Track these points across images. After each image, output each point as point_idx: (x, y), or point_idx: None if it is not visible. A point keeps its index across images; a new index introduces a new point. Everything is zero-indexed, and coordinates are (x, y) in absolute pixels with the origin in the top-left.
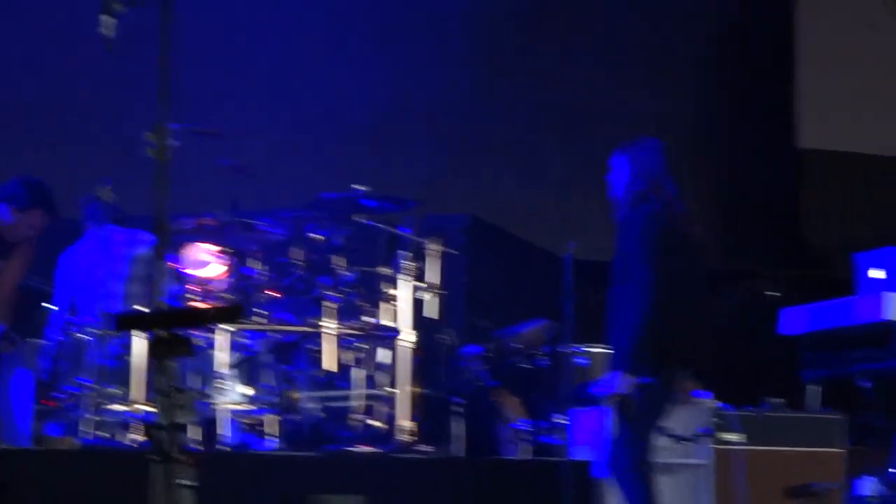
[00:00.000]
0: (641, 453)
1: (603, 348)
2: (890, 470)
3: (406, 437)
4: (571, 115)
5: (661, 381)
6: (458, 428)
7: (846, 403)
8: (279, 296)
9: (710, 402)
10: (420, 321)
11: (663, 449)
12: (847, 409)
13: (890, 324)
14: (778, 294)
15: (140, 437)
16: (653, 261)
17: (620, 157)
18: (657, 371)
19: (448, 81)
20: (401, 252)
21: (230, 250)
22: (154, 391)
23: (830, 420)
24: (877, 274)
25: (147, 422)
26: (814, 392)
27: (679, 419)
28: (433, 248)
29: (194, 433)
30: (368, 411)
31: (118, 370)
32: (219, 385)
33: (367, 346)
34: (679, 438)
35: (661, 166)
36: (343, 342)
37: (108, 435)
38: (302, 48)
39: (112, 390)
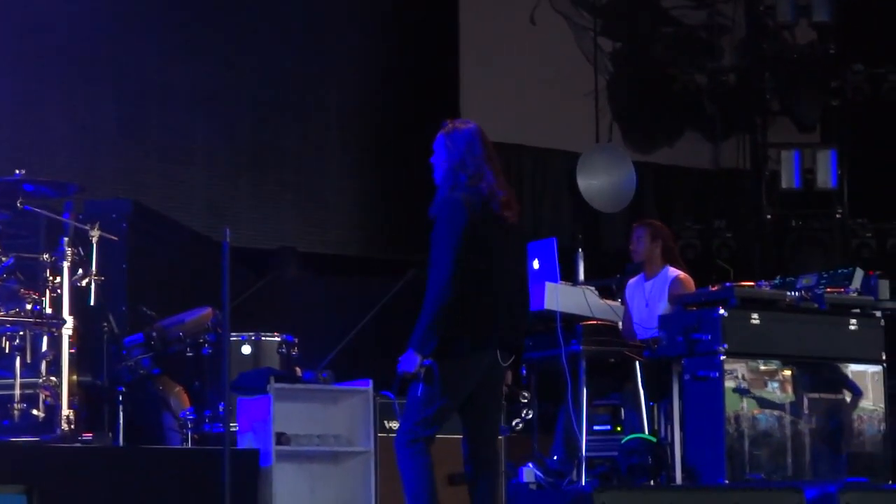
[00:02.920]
0: (416, 430)
1: (268, 336)
2: (553, 457)
3: (67, 427)
4: (235, 105)
5: (445, 365)
6: (120, 417)
7: (508, 392)
8: None
9: (370, 390)
10: (81, 309)
11: (324, 438)
12: (508, 398)
13: (548, 313)
14: None
15: None
16: (453, 246)
17: (439, 141)
18: (443, 354)
19: (100, 60)
20: (62, 238)
21: None
22: None
23: None
24: (535, 264)
25: None
26: None
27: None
28: (94, 235)
29: None
30: (28, 400)
31: None
32: None
33: (26, 334)
34: None
35: (477, 151)
36: (1, 330)
37: None
38: None
39: None
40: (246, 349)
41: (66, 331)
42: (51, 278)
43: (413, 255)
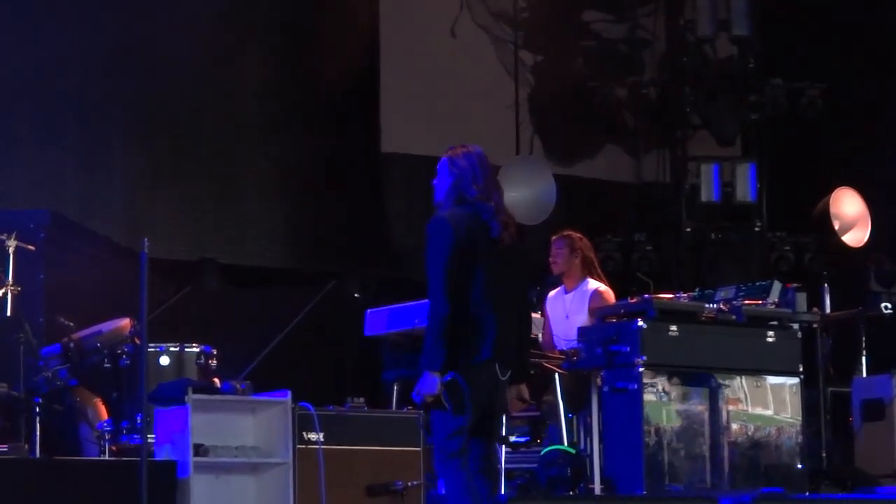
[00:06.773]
0: (453, 444)
1: (187, 347)
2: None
3: None
4: (155, 114)
5: (465, 376)
6: (36, 428)
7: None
8: None
9: (289, 401)
10: None
11: (242, 449)
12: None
13: None
14: (358, 295)
15: None
16: (442, 266)
17: (443, 162)
18: (457, 367)
19: (18, 69)
20: None
21: None
22: None
23: (409, 419)
24: None
25: None
26: (394, 392)
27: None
28: (10, 245)
29: None
30: None
31: None
32: None
33: None
34: None
35: (475, 174)
36: None
37: None
38: None
39: None
40: (164, 360)
41: None
42: None
43: (333, 266)
